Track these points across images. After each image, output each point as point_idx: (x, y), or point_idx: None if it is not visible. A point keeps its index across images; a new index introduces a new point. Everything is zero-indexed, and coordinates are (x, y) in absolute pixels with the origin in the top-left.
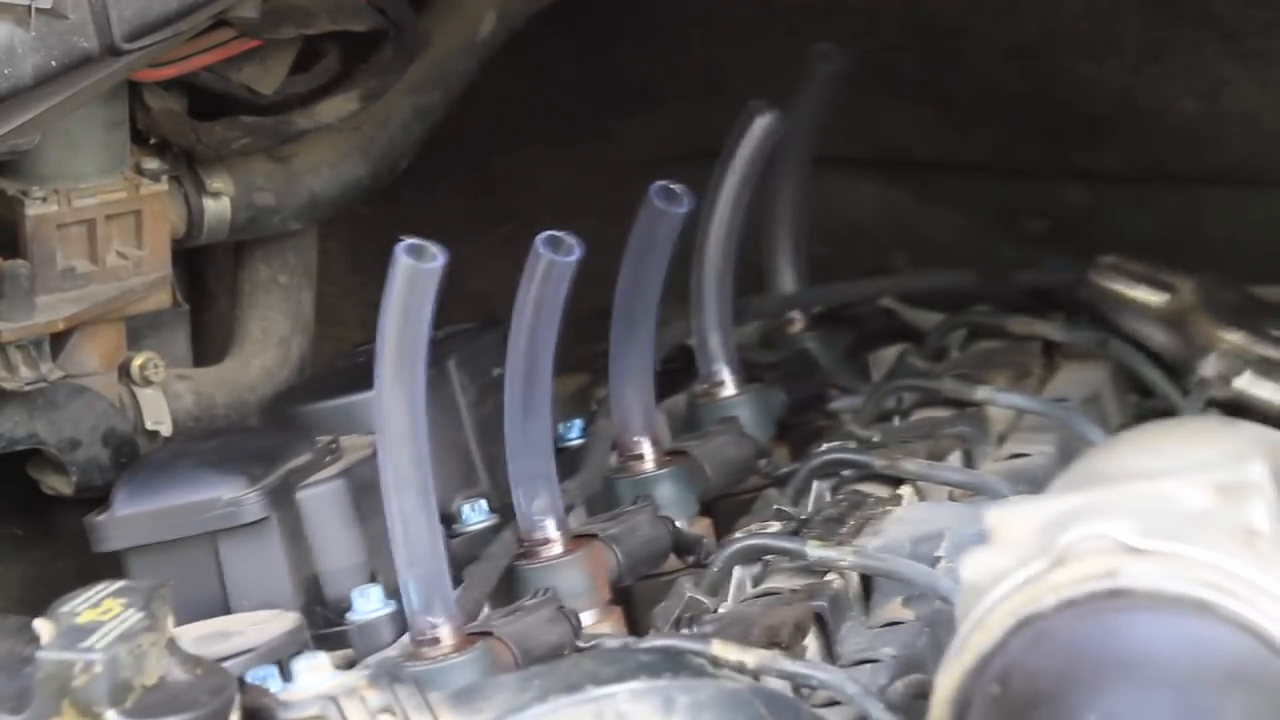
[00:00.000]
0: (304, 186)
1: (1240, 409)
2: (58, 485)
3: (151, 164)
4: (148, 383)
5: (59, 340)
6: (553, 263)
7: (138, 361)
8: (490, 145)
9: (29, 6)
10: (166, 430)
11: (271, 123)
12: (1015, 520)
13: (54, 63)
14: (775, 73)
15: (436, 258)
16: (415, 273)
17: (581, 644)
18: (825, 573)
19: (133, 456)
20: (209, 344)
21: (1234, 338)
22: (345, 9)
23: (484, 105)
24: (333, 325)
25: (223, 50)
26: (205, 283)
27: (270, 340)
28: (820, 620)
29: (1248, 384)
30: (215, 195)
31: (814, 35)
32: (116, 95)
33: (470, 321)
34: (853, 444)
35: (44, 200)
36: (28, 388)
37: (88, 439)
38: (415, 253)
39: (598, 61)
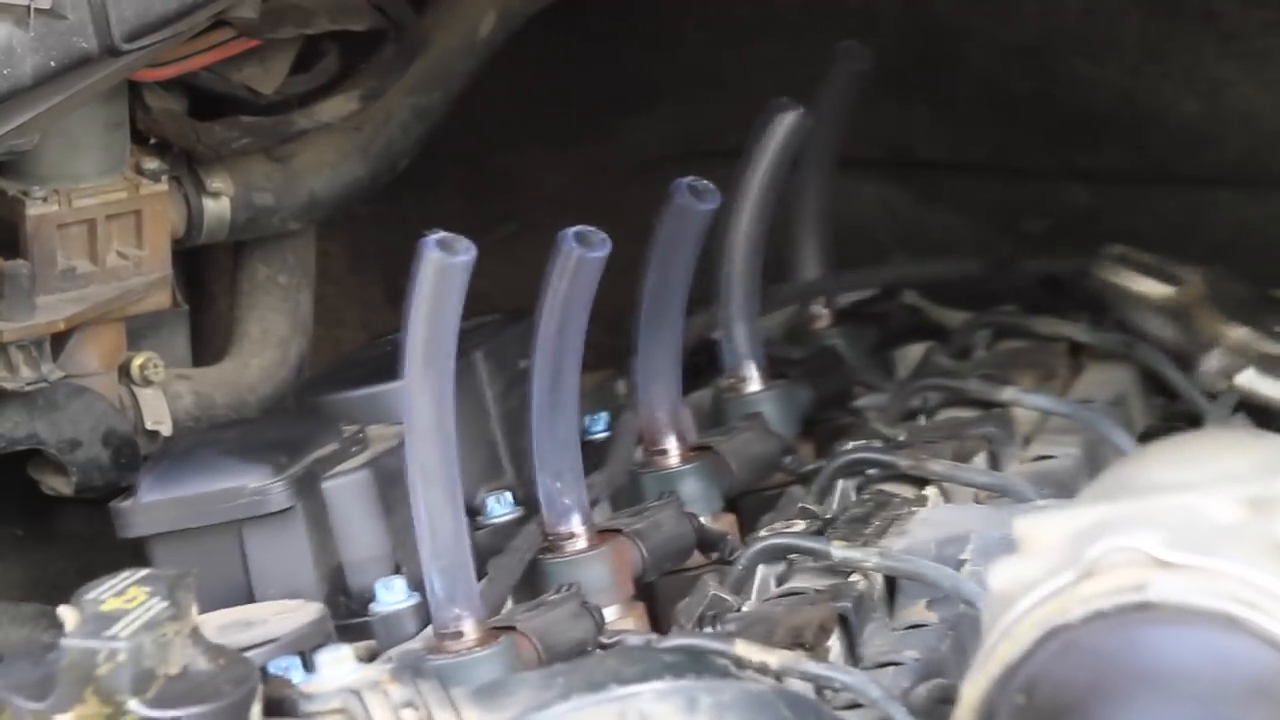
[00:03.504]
0: (304, 186)
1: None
2: (58, 485)
3: (151, 164)
4: (148, 383)
5: (59, 340)
6: (581, 258)
7: (138, 361)
8: (490, 145)
9: (28, 7)
10: (166, 430)
11: (271, 123)
12: (1044, 530)
13: (53, 63)
14: (775, 73)
15: (467, 251)
16: (443, 267)
17: (604, 640)
18: (849, 573)
19: (133, 457)
20: (208, 344)
21: (1238, 333)
22: (345, 9)
23: (484, 105)
24: (333, 325)
25: (222, 50)
26: (205, 283)
27: (269, 340)
28: (844, 621)
29: (1250, 381)
30: (215, 195)
31: (814, 35)
32: (116, 95)
33: (491, 314)
34: (878, 443)
35: (44, 200)
36: (28, 388)
37: (88, 439)
38: (444, 246)
39: (598, 61)
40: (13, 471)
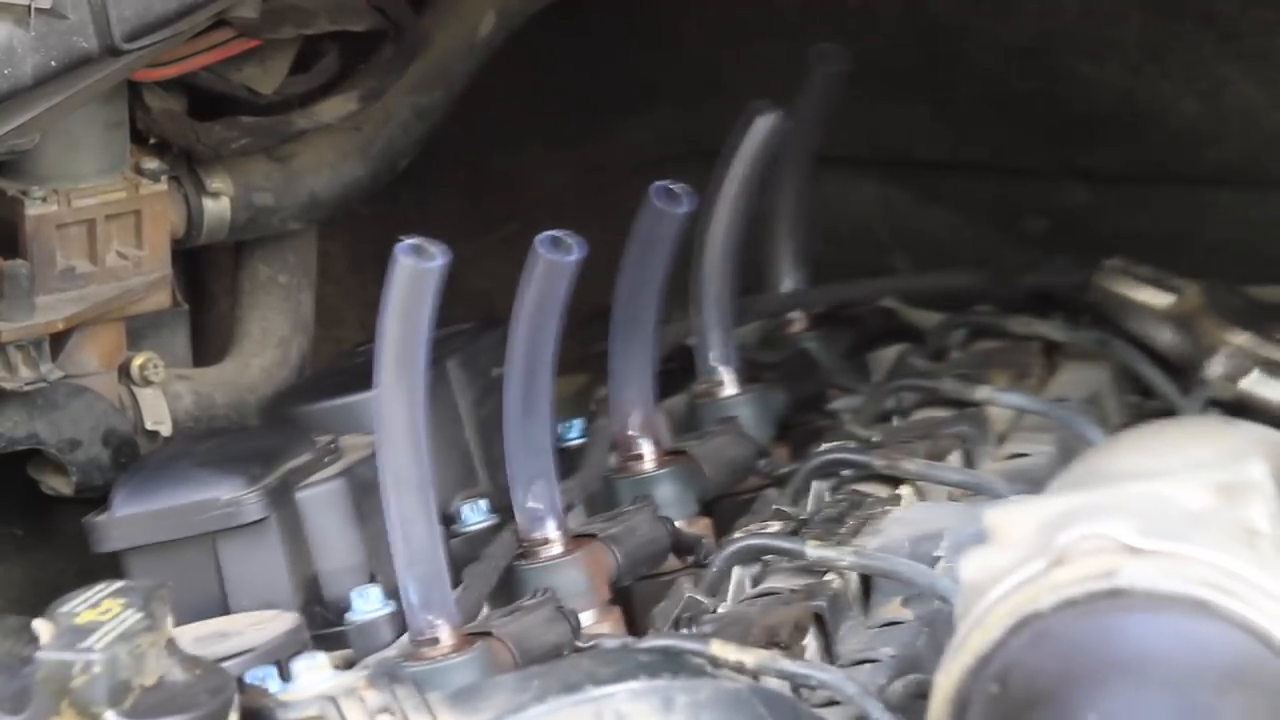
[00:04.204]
0: (303, 186)
1: (1241, 410)
2: (58, 485)
3: (151, 164)
4: (147, 383)
5: (59, 340)
6: (553, 262)
7: (138, 361)
8: (490, 145)
9: (29, 6)
10: (166, 430)
11: (271, 123)
12: (1014, 520)
13: (54, 63)
14: (775, 73)
15: (437, 257)
16: (415, 273)
17: (580, 644)
18: (824, 572)
19: (133, 456)
20: (209, 344)
21: (1240, 339)
22: (345, 9)
23: (484, 105)
24: (333, 325)
25: (222, 50)
26: (205, 283)
27: (270, 340)
28: (819, 620)
29: (1254, 384)
30: (215, 195)
31: (814, 35)
32: (116, 95)
33: (470, 321)
34: (853, 444)
35: (44, 200)
36: (28, 388)
37: (88, 439)
38: (416, 252)
39: (598, 61)
40: (13, 471)
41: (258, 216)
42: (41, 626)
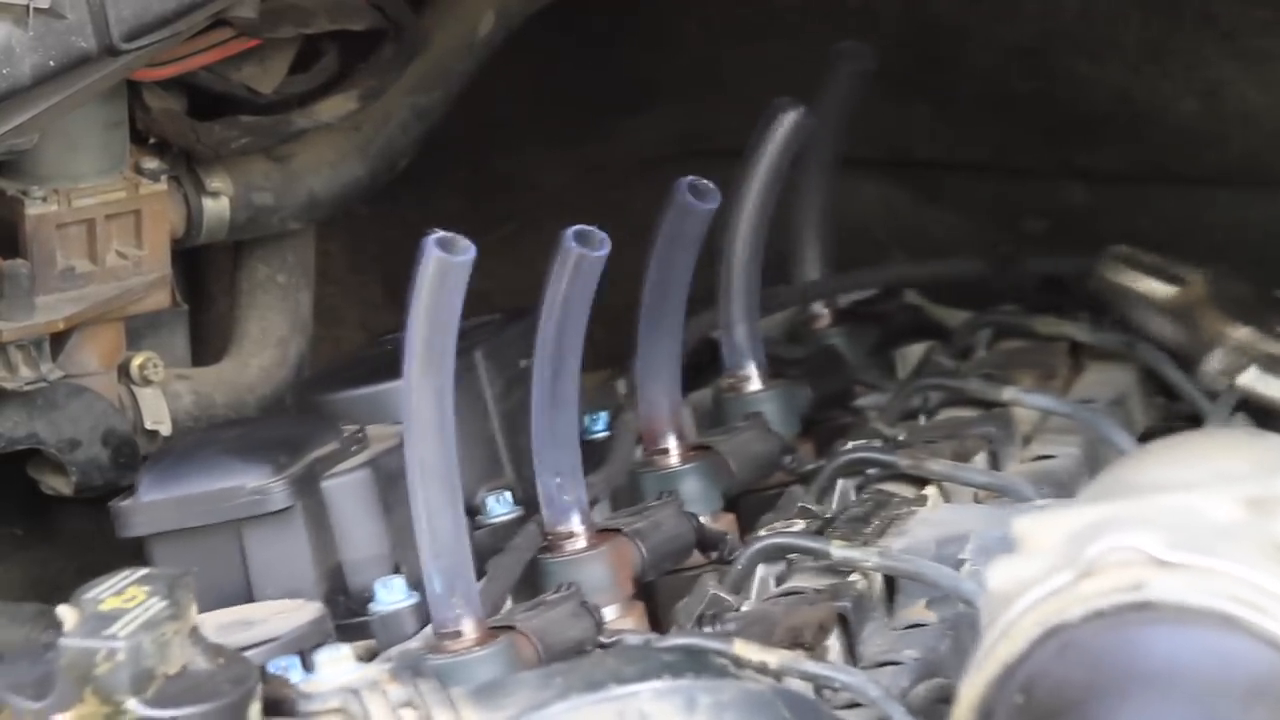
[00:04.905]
0: (303, 186)
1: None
2: (57, 485)
3: (151, 164)
4: (147, 382)
5: (59, 340)
6: (582, 256)
7: (137, 361)
8: (490, 145)
9: (27, 6)
10: (166, 430)
11: (270, 122)
12: (1043, 529)
13: (52, 63)
14: (775, 73)
15: (467, 250)
16: (445, 265)
17: (604, 640)
18: (849, 572)
19: (132, 456)
20: (208, 344)
21: (1241, 333)
22: (344, 8)
23: (484, 105)
24: (332, 325)
25: (222, 50)
26: (204, 283)
27: (269, 340)
28: (843, 621)
29: (1252, 380)
30: (214, 195)
31: (814, 35)
32: (115, 95)
33: (482, 315)
34: (878, 443)
35: (44, 200)
36: (28, 388)
37: (87, 439)
38: (445, 245)
39: (598, 61)
40: (13, 471)
41: (257, 216)
42: (65, 613)
